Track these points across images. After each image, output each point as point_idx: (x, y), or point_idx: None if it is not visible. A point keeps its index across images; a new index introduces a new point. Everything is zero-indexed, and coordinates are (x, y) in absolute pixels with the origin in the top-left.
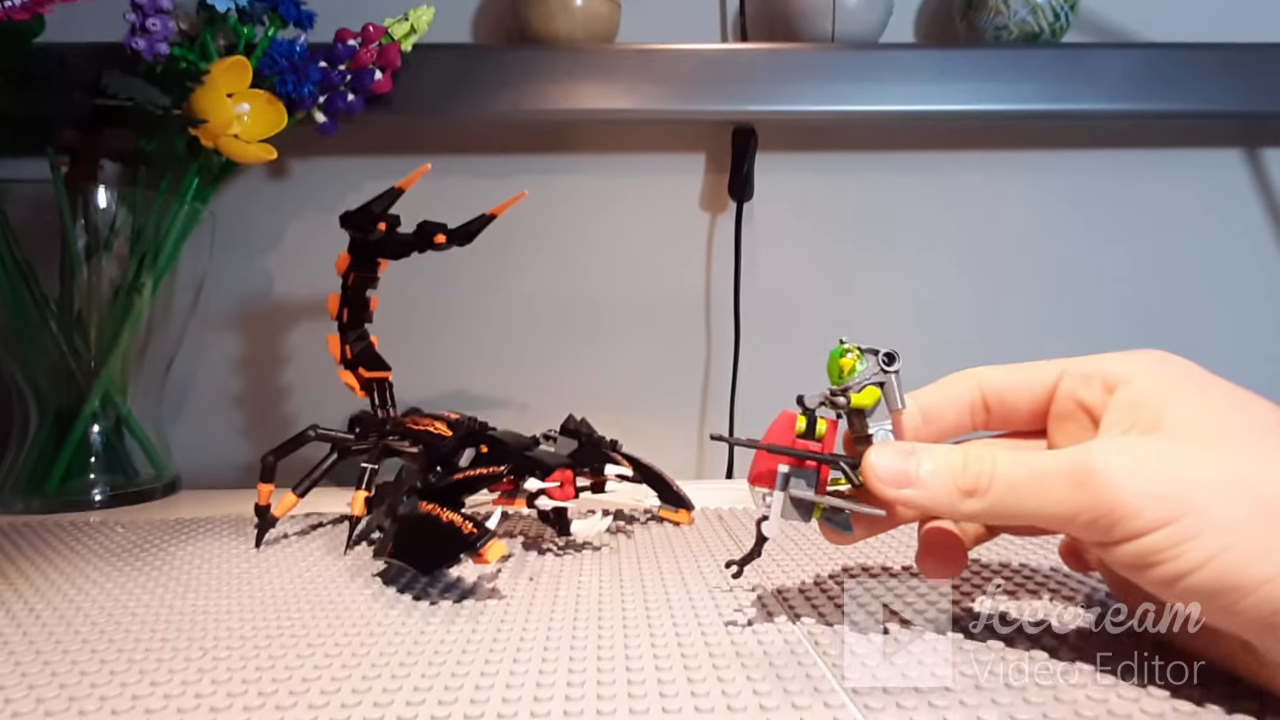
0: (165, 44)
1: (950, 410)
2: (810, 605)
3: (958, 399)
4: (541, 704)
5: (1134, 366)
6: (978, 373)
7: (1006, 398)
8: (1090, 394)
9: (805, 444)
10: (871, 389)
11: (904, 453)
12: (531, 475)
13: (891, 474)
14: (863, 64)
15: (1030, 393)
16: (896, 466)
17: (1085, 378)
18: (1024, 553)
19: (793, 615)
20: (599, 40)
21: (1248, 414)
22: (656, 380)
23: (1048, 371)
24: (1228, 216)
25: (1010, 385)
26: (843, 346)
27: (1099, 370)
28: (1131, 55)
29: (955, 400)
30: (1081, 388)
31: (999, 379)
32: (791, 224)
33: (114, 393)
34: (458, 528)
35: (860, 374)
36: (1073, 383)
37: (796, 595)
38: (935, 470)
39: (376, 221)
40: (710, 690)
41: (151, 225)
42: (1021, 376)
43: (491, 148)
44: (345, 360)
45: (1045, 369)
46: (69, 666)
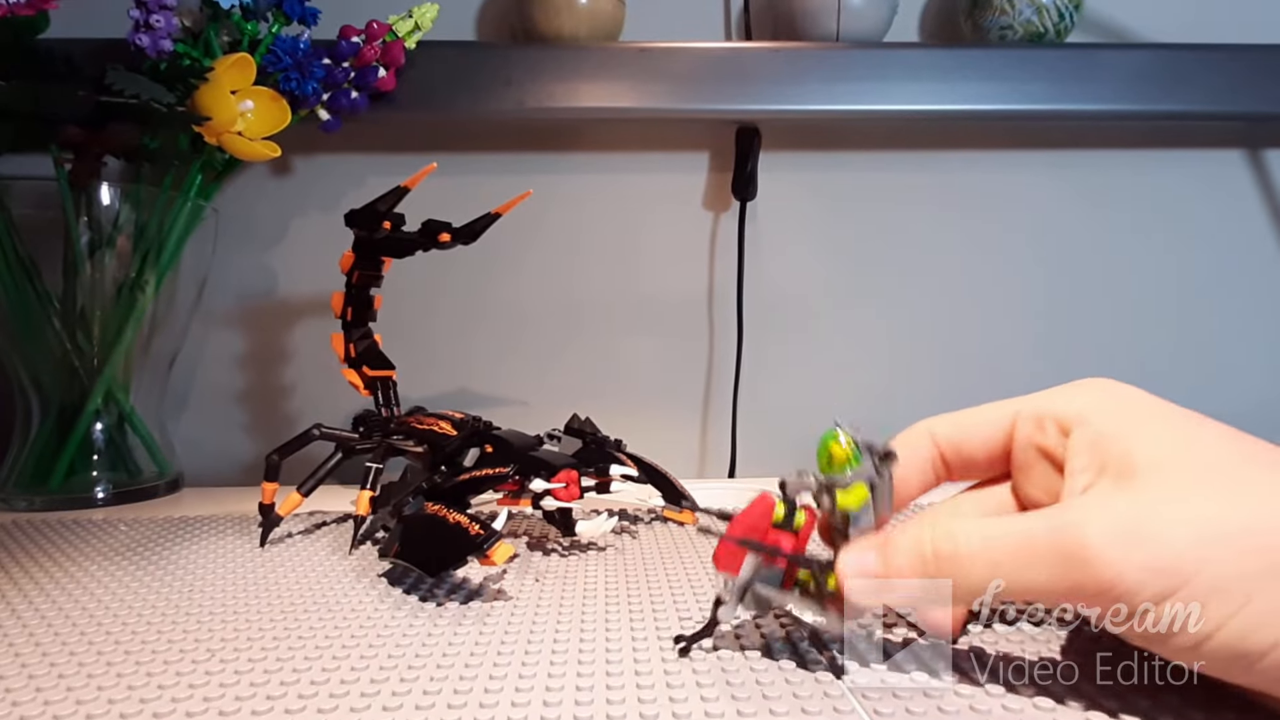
0: (169, 40)
1: (914, 472)
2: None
3: (919, 459)
4: (551, 708)
5: (1084, 403)
6: (928, 428)
7: (963, 450)
8: (1047, 439)
9: (778, 535)
10: (860, 488)
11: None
12: (537, 476)
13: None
14: (867, 63)
15: (985, 442)
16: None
17: (1038, 422)
18: None
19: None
20: (603, 38)
21: (1213, 444)
22: (659, 379)
23: (999, 418)
24: (1231, 217)
25: (965, 438)
26: (836, 432)
27: (1050, 411)
28: (1136, 56)
29: (917, 461)
30: (1036, 433)
31: (951, 432)
32: (795, 223)
33: (117, 390)
34: (464, 529)
35: (852, 470)
36: (1027, 428)
37: None
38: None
39: (381, 220)
40: (720, 696)
41: (155, 222)
42: (973, 426)
43: (495, 146)
44: (349, 359)
45: (995, 415)
46: (75, 669)
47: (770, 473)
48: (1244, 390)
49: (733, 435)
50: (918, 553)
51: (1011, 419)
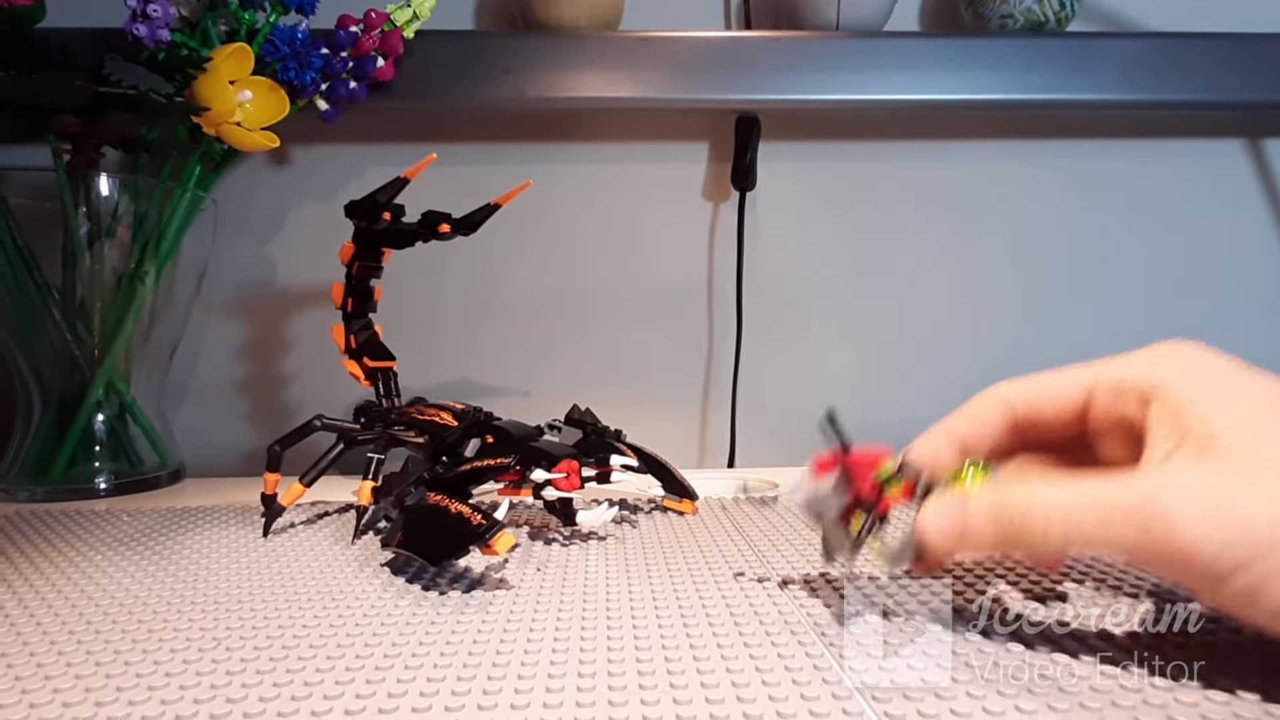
0: (166, 30)
1: (985, 439)
2: (817, 597)
3: (990, 426)
4: (554, 694)
5: (1165, 371)
6: (1002, 393)
7: (1037, 417)
8: (1129, 409)
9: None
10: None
11: (954, 509)
12: (538, 466)
13: (944, 534)
14: (867, 52)
15: (1060, 411)
16: (948, 525)
17: (1118, 392)
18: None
19: (799, 607)
20: (602, 27)
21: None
22: (659, 369)
23: (1075, 384)
24: (1231, 206)
25: (1039, 406)
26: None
27: (1131, 382)
28: (1137, 45)
29: (989, 427)
30: (1118, 402)
31: (1026, 399)
32: (794, 213)
33: (117, 380)
34: (466, 519)
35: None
36: (1107, 398)
37: (802, 587)
38: (987, 525)
39: (381, 211)
40: (720, 681)
41: (154, 212)
42: (1048, 394)
43: (494, 135)
44: (350, 349)
45: (1071, 382)
46: (83, 657)
47: (770, 462)
48: None
49: (732, 425)
50: (996, 513)
51: (1088, 387)
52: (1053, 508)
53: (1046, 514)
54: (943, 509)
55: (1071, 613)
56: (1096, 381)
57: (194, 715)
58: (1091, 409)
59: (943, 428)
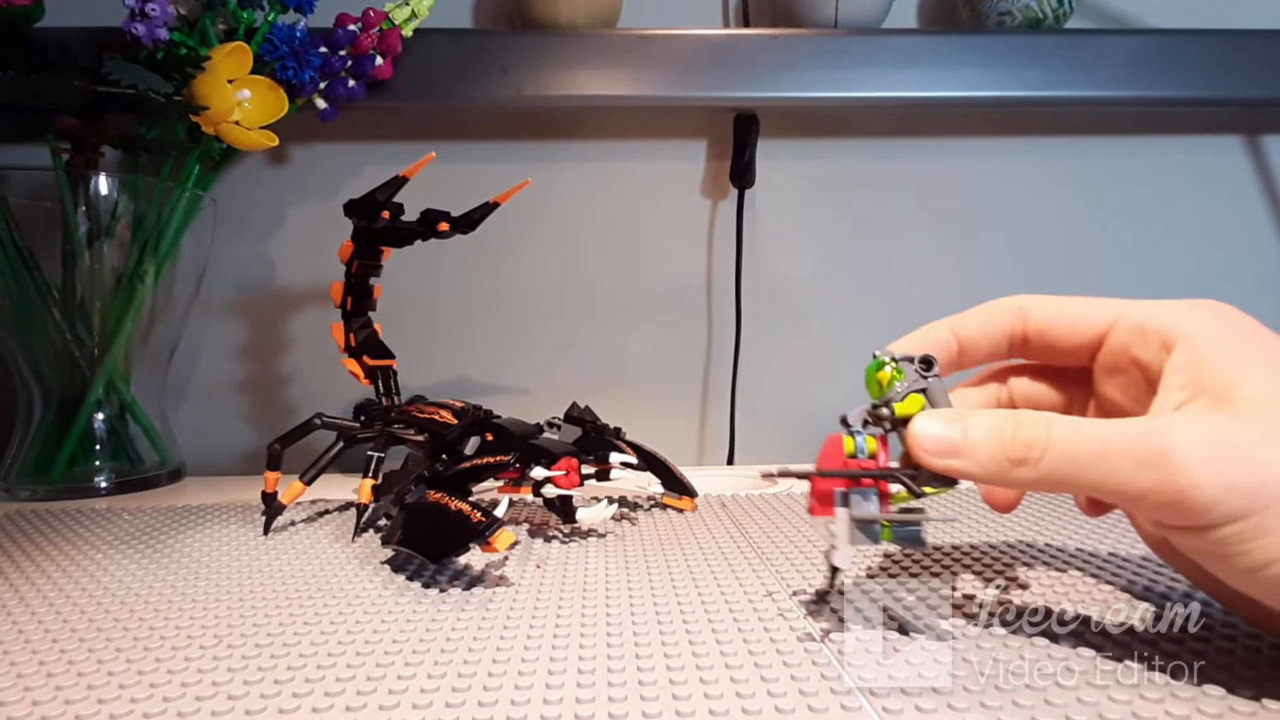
0: (164, 29)
1: (986, 340)
2: (820, 599)
3: (997, 329)
4: (553, 691)
5: (1196, 322)
6: (1023, 303)
7: (1049, 335)
8: (1147, 352)
9: (859, 463)
10: (915, 397)
11: (950, 420)
12: (537, 463)
13: (938, 443)
14: (865, 50)
15: (1075, 335)
16: (942, 435)
17: (1141, 333)
18: (1023, 553)
19: (799, 604)
20: (600, 25)
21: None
22: (658, 367)
23: (1098, 315)
24: (1229, 203)
25: (1056, 324)
26: (879, 359)
27: (1157, 325)
28: (1134, 41)
29: (994, 330)
30: (1138, 343)
31: (1044, 315)
32: (793, 211)
33: (117, 380)
34: (466, 516)
35: (900, 384)
36: (1126, 336)
37: (802, 584)
38: (983, 439)
39: (380, 210)
40: (719, 677)
41: (153, 212)
42: (1068, 315)
43: (492, 134)
44: (349, 348)
45: (1095, 311)
46: (85, 654)
47: (769, 459)
48: None
49: (731, 422)
50: (996, 430)
51: (1110, 320)
52: (1049, 430)
53: (1048, 434)
54: (937, 419)
55: (1071, 612)
56: (1121, 316)
57: (196, 712)
58: (1108, 342)
59: (947, 322)
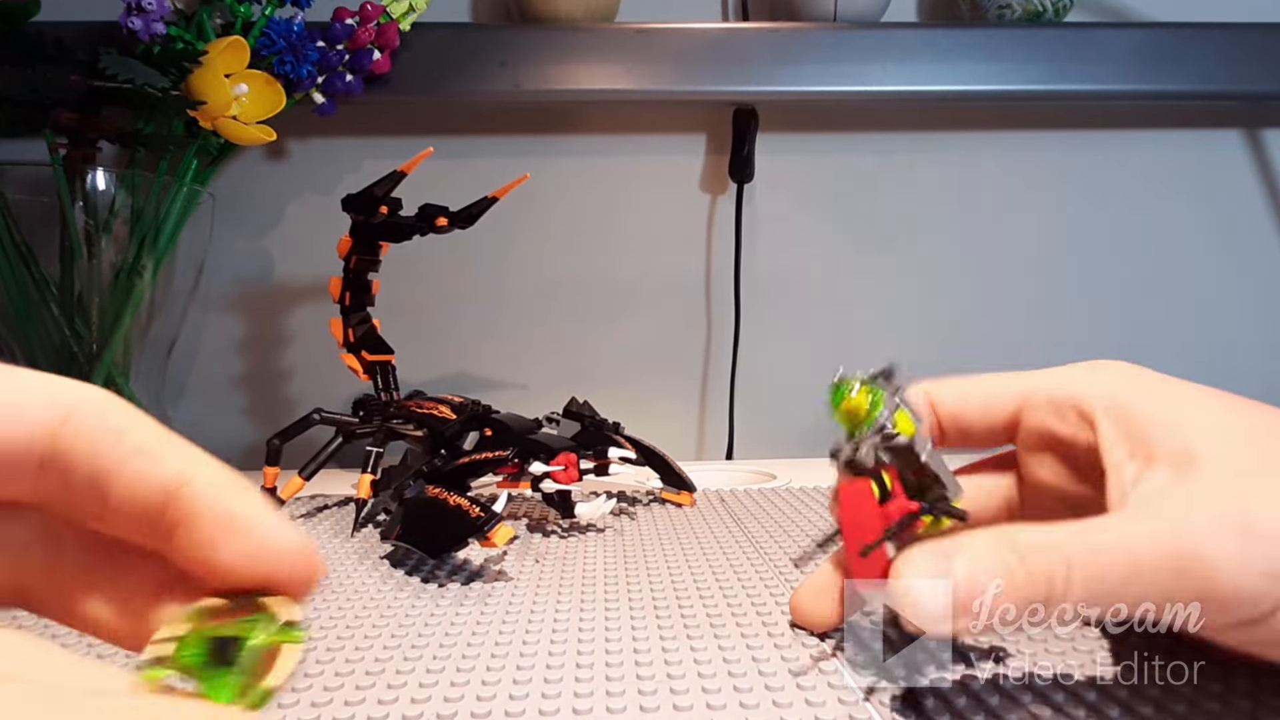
0: (161, 23)
1: None
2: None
3: None
4: (552, 685)
5: (1106, 388)
6: (927, 391)
7: (961, 420)
8: (1066, 428)
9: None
10: (901, 414)
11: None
12: (535, 458)
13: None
14: (865, 44)
15: (988, 417)
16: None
17: (1055, 408)
18: None
19: None
20: (599, 19)
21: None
22: (657, 362)
23: (1005, 394)
24: (1228, 197)
25: (965, 410)
26: (843, 383)
27: (1068, 398)
28: (1134, 35)
29: None
30: (1054, 420)
31: (951, 401)
32: (792, 205)
33: (116, 375)
34: (465, 511)
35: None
36: (1041, 415)
37: (801, 582)
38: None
39: (378, 205)
40: (717, 672)
41: (151, 207)
42: (976, 399)
43: (491, 128)
44: (348, 343)
45: (1001, 390)
46: (85, 650)
47: (768, 455)
48: (1241, 370)
49: (730, 417)
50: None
51: (1020, 398)
52: (1072, 551)
53: (1067, 559)
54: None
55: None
56: (1031, 394)
57: None
58: (1024, 424)
59: None
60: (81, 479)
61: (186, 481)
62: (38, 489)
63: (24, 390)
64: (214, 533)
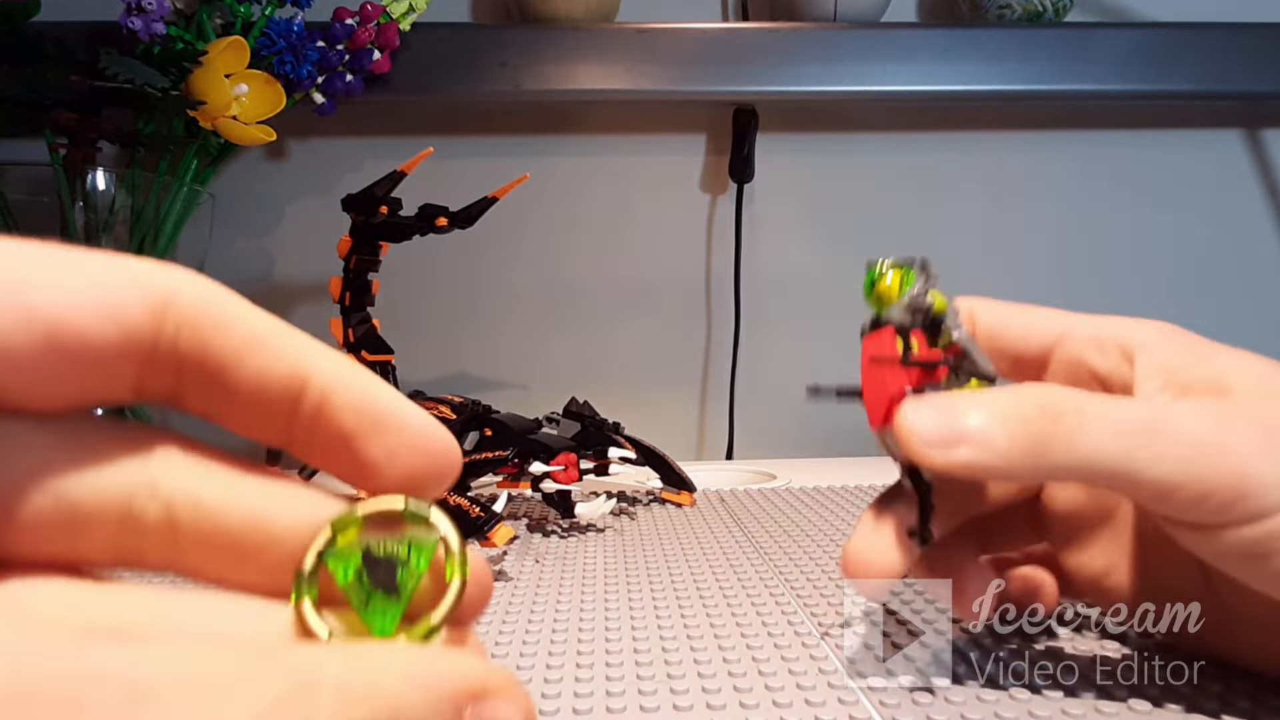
0: (161, 23)
1: None
2: (816, 590)
3: None
4: (551, 685)
5: (1150, 333)
6: (972, 305)
7: (999, 340)
8: (1105, 362)
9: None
10: (935, 293)
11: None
12: (535, 458)
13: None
14: (865, 44)
15: (1026, 341)
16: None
17: (1097, 343)
18: None
19: (796, 597)
20: (599, 19)
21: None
22: (657, 362)
23: (1047, 325)
24: (1229, 196)
25: (1005, 330)
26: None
27: (1112, 336)
28: (1134, 35)
29: None
30: (1094, 354)
31: (994, 317)
32: (792, 205)
33: None
34: (465, 511)
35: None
36: (1080, 347)
37: (803, 582)
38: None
39: (378, 205)
40: (717, 672)
41: (151, 207)
42: (1017, 322)
43: (491, 128)
44: (348, 344)
45: (1044, 321)
46: None
47: (768, 455)
48: None
49: (730, 417)
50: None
51: (1060, 332)
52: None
53: (1080, 405)
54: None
55: (1071, 611)
56: (1070, 329)
57: None
58: (1058, 355)
59: None
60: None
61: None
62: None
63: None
64: (359, 425)
